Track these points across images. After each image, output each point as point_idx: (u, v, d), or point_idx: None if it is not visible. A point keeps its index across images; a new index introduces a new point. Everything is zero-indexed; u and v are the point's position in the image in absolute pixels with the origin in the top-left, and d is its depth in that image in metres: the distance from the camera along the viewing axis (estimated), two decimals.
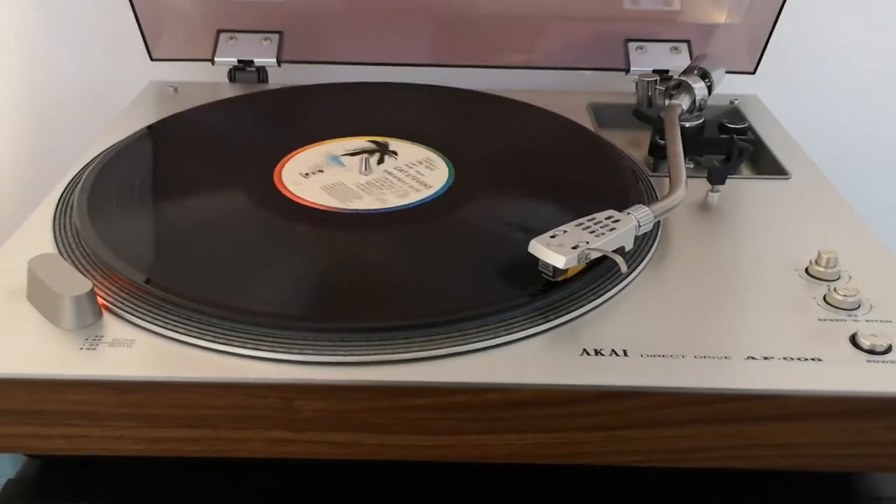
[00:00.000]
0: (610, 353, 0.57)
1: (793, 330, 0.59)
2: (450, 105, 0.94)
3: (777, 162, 0.83)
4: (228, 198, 0.73)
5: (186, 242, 0.68)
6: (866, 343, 0.57)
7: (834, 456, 0.56)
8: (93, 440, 0.56)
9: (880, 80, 1.10)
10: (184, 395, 0.55)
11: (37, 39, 1.09)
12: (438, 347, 0.56)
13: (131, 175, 0.76)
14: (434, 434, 0.56)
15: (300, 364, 0.56)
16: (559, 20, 1.03)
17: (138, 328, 0.58)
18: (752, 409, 0.54)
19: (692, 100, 0.83)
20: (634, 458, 0.56)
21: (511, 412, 0.55)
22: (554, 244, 0.59)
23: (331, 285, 0.64)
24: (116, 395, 0.54)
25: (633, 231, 0.62)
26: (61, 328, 0.58)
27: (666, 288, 0.64)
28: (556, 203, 0.73)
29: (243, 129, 0.87)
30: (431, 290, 0.63)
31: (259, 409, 0.55)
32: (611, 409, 0.55)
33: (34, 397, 0.55)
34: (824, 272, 0.64)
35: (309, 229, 0.69)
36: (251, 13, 1.01)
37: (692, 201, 0.75)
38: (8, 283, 0.62)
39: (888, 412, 0.54)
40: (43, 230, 0.69)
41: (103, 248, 0.64)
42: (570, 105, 0.94)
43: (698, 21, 1.01)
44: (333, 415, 0.55)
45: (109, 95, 1.09)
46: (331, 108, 0.92)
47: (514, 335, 0.57)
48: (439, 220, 0.71)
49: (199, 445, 0.56)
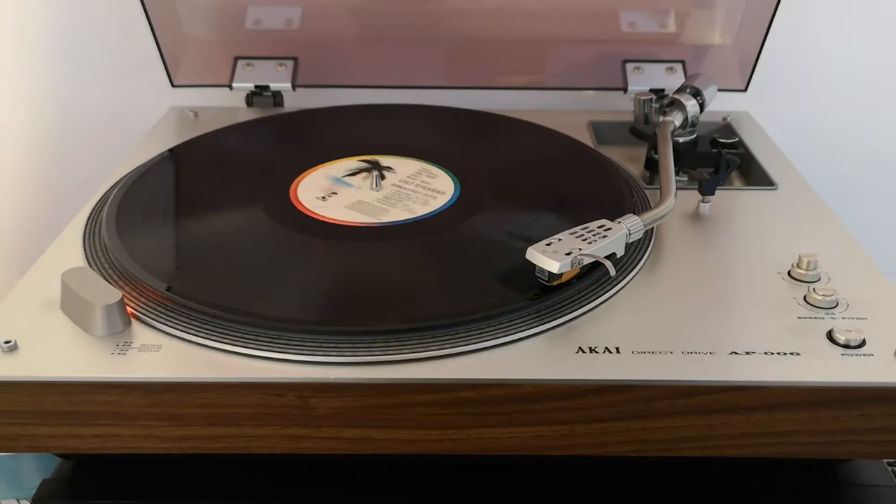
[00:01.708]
0: (604, 350, 0.59)
1: (774, 327, 0.62)
2: (443, 123, 0.97)
3: (765, 174, 0.86)
4: (248, 216, 0.76)
5: (210, 256, 0.71)
6: (841, 338, 0.60)
7: (812, 443, 0.58)
8: (124, 439, 0.59)
9: (868, 95, 1.13)
10: (207, 394, 0.57)
11: (61, 67, 1.12)
12: (443, 347, 0.59)
13: (155, 193, 0.79)
14: (441, 428, 0.58)
15: (315, 364, 0.58)
16: (561, 43, 1.05)
17: (165, 335, 0.61)
18: (736, 400, 0.57)
19: (685, 116, 0.86)
20: (629, 449, 0.59)
21: (513, 406, 0.58)
22: (549, 251, 0.62)
23: (345, 292, 0.67)
24: (145, 395, 0.57)
25: (624, 238, 0.65)
26: (93, 335, 0.60)
27: (657, 291, 0.66)
28: (556, 213, 0.76)
29: (257, 151, 0.90)
30: (437, 294, 0.66)
31: (277, 407, 0.58)
32: (605, 402, 0.57)
33: (69, 399, 0.57)
34: (805, 274, 0.67)
35: (358, 244, 0.72)
36: (267, 40, 1.04)
37: (684, 211, 0.78)
38: (42, 296, 0.64)
39: (861, 401, 0.57)
40: (74, 246, 0.72)
41: (130, 260, 0.67)
42: (572, 123, 0.97)
43: (692, 42, 1.04)
44: (347, 411, 0.58)
45: (130, 121, 1.12)
46: (323, 131, 0.95)
47: (514, 335, 0.60)
48: (461, 225, 0.75)
49: (222, 443, 0.59)
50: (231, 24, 1.04)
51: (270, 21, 1.04)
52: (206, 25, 1.04)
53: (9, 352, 0.59)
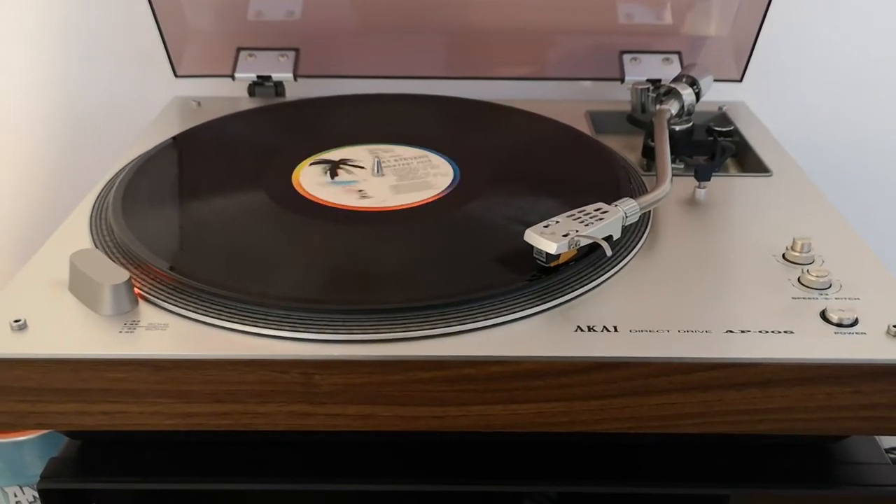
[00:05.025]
0: (602, 329, 0.60)
1: (769, 307, 0.63)
2: (443, 112, 0.98)
3: (761, 161, 0.87)
4: (252, 199, 0.76)
5: (215, 238, 0.72)
6: (835, 317, 0.61)
7: (806, 420, 0.59)
8: (131, 416, 0.60)
9: (863, 83, 1.14)
10: (213, 371, 0.58)
11: (64, 59, 1.13)
12: (445, 326, 0.60)
13: (161, 178, 0.80)
14: (443, 405, 0.59)
15: (319, 342, 0.59)
16: (559, 34, 1.06)
17: (171, 314, 0.62)
18: (731, 377, 0.58)
19: (681, 105, 0.87)
20: (627, 425, 0.60)
21: (513, 383, 0.58)
22: (547, 233, 0.63)
23: (347, 272, 0.68)
24: (153, 372, 0.58)
25: (620, 221, 0.66)
26: (101, 315, 0.61)
27: (654, 272, 0.67)
28: (554, 199, 0.77)
29: (260, 138, 0.91)
30: (439, 274, 0.67)
31: (281, 384, 0.58)
32: (603, 379, 0.58)
33: (78, 376, 0.58)
34: (799, 256, 0.68)
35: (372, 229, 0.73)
36: (269, 31, 1.05)
37: (681, 197, 0.79)
38: (50, 277, 0.65)
39: (853, 378, 0.58)
40: (81, 229, 0.72)
41: (136, 242, 0.68)
42: (570, 113, 0.98)
43: (688, 33, 1.05)
44: (350, 388, 0.59)
45: (133, 113, 1.13)
46: (325, 119, 0.96)
47: (514, 315, 0.61)
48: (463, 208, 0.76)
49: (227, 420, 0.60)
50: (234, 15, 1.05)
51: (272, 12, 1.05)
52: (209, 17, 1.05)
53: (18, 330, 0.60)
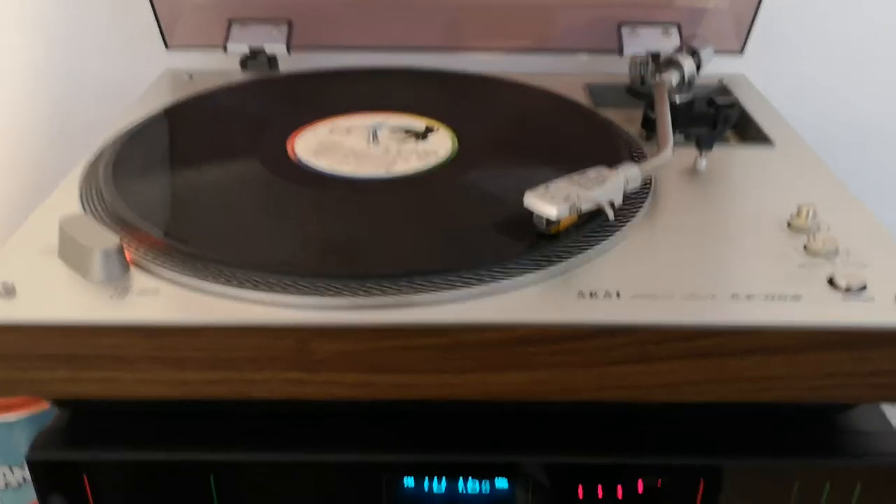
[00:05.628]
0: (604, 295, 0.59)
1: (774, 273, 0.62)
2: (442, 84, 0.98)
3: (762, 132, 0.86)
4: (246, 167, 0.76)
5: (209, 204, 0.71)
6: (842, 283, 0.60)
7: (811, 388, 0.59)
8: (123, 383, 0.59)
9: (866, 56, 1.13)
10: (207, 337, 0.57)
11: (54, 34, 1.12)
12: (444, 291, 0.59)
13: (153, 146, 0.80)
14: (441, 373, 0.58)
15: (315, 308, 0.58)
16: (557, 7, 1.05)
17: (163, 279, 0.60)
18: (736, 343, 0.57)
19: (681, 75, 0.86)
20: (629, 394, 0.59)
21: (512, 349, 0.57)
22: (547, 196, 0.62)
23: (344, 238, 0.67)
24: (145, 338, 0.57)
25: (622, 185, 0.65)
26: (92, 281, 0.60)
27: (657, 239, 0.66)
28: (555, 169, 0.75)
29: (254, 109, 0.91)
30: (438, 241, 0.66)
31: (276, 350, 0.57)
32: (604, 346, 0.57)
33: (69, 342, 0.57)
34: (804, 224, 0.67)
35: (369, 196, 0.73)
36: (262, 3, 1.04)
37: (682, 167, 0.78)
38: (40, 244, 0.64)
39: (861, 344, 0.57)
40: (70, 197, 0.71)
41: (127, 209, 0.67)
42: (568, 86, 0.97)
43: (688, 5, 1.03)
44: (346, 355, 0.58)
45: (125, 90, 1.10)
46: (321, 90, 0.96)
47: (513, 279, 0.60)
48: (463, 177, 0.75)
49: (222, 387, 0.59)
50: None
51: None
52: None
53: (6, 295, 0.59)
